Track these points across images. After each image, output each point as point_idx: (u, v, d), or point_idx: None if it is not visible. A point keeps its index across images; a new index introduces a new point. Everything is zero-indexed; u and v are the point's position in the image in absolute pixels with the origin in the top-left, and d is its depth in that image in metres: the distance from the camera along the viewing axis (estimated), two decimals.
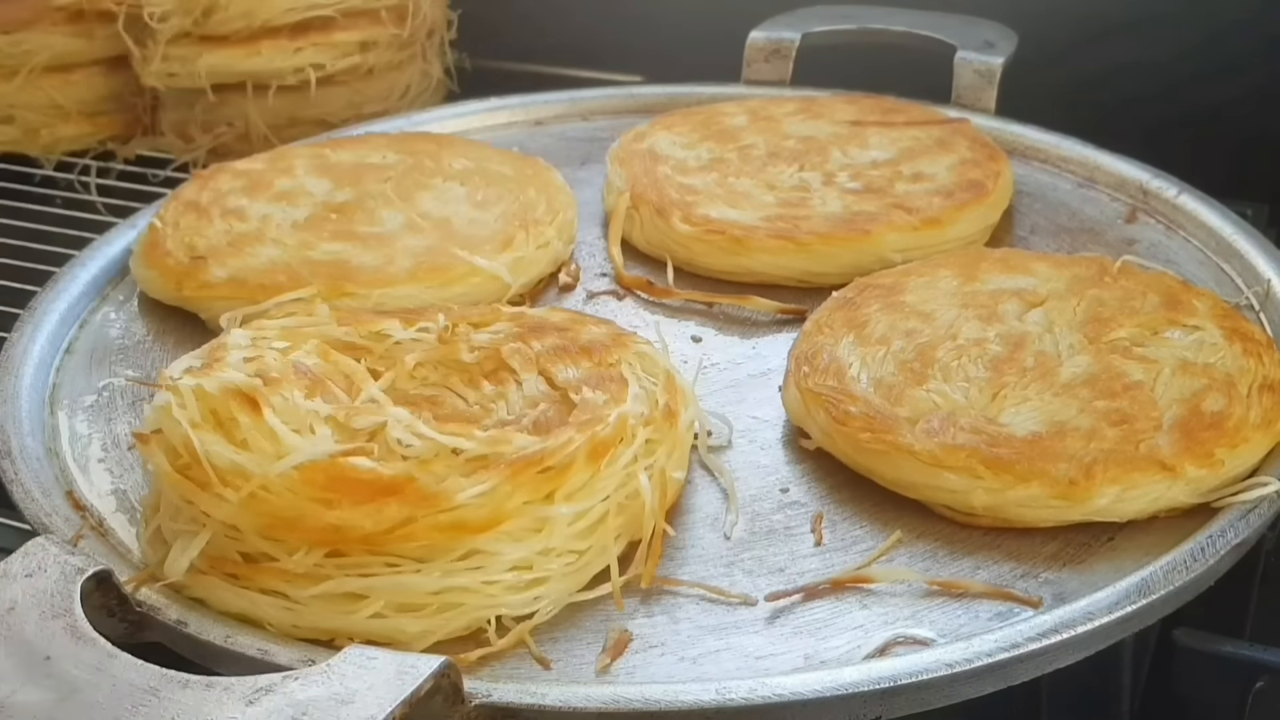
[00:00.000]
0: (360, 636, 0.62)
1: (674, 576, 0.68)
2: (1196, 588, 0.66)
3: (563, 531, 0.65)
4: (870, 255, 0.92)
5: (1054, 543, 0.70)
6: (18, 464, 0.76)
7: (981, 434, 0.72)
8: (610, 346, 0.75)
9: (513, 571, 0.64)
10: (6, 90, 1.31)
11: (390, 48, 1.31)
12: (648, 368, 0.74)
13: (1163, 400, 0.74)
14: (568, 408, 0.70)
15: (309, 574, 0.62)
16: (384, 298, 0.87)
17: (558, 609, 0.66)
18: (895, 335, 0.80)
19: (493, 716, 0.59)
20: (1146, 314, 0.82)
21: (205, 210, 0.97)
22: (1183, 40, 1.25)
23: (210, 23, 1.24)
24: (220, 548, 0.64)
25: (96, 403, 0.84)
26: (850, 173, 1.01)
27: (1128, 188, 1.03)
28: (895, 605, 0.66)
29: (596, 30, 1.46)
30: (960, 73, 1.14)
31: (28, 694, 0.55)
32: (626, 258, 0.97)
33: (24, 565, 0.62)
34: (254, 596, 0.63)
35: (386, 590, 0.63)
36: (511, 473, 0.63)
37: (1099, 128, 1.09)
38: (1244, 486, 0.71)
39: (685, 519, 0.73)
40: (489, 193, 0.99)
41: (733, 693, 0.59)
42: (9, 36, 1.29)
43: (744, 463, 0.77)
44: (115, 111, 1.36)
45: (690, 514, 0.73)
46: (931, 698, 0.61)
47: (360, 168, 1.03)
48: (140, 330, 0.92)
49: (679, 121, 1.10)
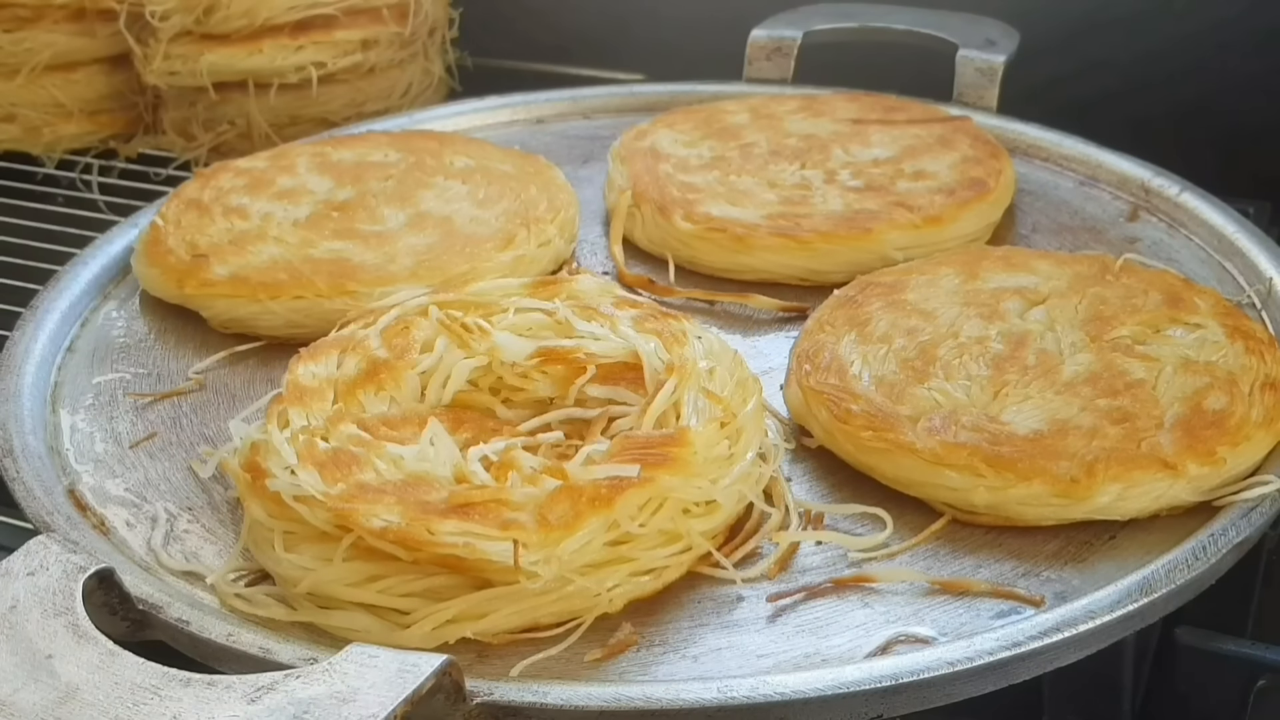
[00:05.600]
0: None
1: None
2: (1198, 586, 0.66)
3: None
4: (872, 253, 0.92)
5: (1055, 541, 0.70)
6: (19, 462, 0.76)
7: (983, 432, 0.72)
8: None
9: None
10: (8, 89, 1.31)
11: (392, 46, 1.31)
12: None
13: (1164, 398, 0.74)
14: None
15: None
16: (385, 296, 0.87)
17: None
18: (897, 333, 0.80)
19: (494, 715, 0.59)
20: (1148, 312, 0.81)
21: (207, 208, 0.97)
22: (1185, 37, 1.25)
23: (212, 21, 1.24)
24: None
25: (98, 401, 0.84)
26: (852, 171, 1.01)
27: (1129, 186, 1.03)
28: (897, 604, 0.66)
29: (598, 28, 1.46)
30: (962, 71, 1.14)
31: (29, 692, 0.56)
32: (628, 256, 0.97)
33: (26, 563, 0.62)
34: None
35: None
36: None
37: (1100, 126, 1.09)
38: (1246, 485, 0.71)
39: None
40: (490, 191, 0.99)
41: (734, 691, 0.59)
42: (11, 34, 1.29)
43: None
44: (117, 110, 1.36)
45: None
46: (933, 696, 0.61)
47: (362, 166, 1.03)
48: (142, 328, 0.92)
49: (681, 119, 1.10)
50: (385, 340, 0.76)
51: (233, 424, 0.73)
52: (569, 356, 0.74)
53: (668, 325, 0.76)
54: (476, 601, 0.63)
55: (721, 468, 0.68)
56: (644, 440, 0.67)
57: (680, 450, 0.67)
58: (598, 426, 0.71)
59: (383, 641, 0.60)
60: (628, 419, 0.71)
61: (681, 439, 0.67)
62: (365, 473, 0.66)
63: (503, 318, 0.77)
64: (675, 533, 0.67)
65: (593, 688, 0.60)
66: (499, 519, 0.63)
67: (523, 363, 0.75)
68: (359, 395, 0.73)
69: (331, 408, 0.72)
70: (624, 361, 0.74)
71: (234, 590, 0.67)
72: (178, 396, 0.84)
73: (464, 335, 0.75)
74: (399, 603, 0.64)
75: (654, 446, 0.67)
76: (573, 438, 0.72)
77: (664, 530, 0.66)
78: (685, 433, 0.68)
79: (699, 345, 0.75)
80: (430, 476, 0.66)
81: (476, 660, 0.63)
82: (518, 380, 0.75)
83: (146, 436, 0.80)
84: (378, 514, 0.63)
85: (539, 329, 0.77)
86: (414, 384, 0.75)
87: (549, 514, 0.63)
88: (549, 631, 0.64)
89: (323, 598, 0.65)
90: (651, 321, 0.77)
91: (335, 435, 0.69)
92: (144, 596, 0.65)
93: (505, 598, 0.63)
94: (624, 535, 0.65)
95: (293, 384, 0.73)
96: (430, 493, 0.65)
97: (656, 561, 0.66)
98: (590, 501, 0.64)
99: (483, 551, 0.62)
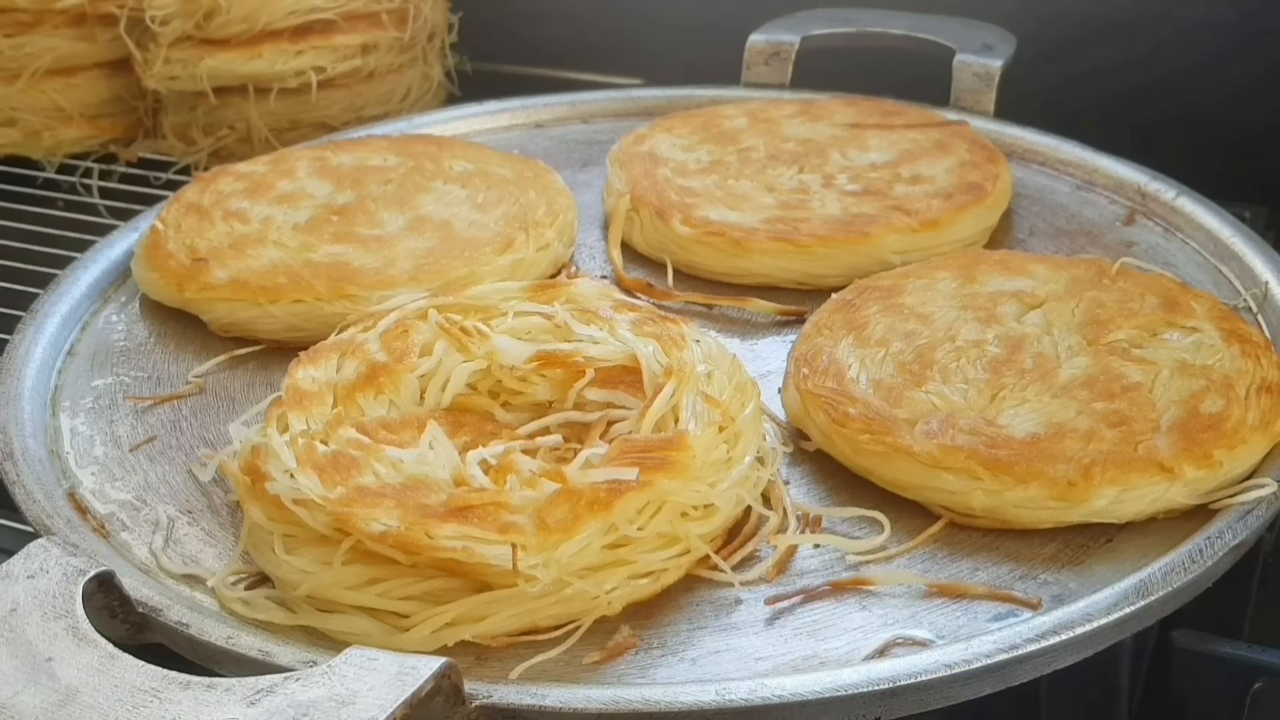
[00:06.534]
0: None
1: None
2: (1195, 589, 0.67)
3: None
4: (869, 257, 0.93)
5: (1053, 544, 0.70)
6: (20, 466, 0.76)
7: (980, 435, 0.72)
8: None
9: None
10: (9, 93, 1.32)
11: (391, 51, 1.32)
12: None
13: (1161, 402, 0.74)
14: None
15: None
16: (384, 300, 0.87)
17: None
18: (894, 337, 0.81)
19: (493, 717, 0.59)
20: (1145, 316, 0.82)
21: (207, 212, 0.97)
22: (1180, 42, 1.26)
23: (212, 26, 1.25)
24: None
25: (98, 404, 0.84)
26: (849, 175, 1.01)
27: (1126, 190, 1.03)
28: (894, 606, 0.66)
29: (596, 33, 1.46)
30: (959, 75, 1.14)
31: (29, 695, 0.56)
32: (626, 260, 0.97)
33: (26, 567, 0.62)
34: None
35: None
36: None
37: (1097, 130, 1.09)
38: (1242, 488, 0.71)
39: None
40: (489, 195, 0.99)
41: (732, 693, 0.60)
42: (11, 39, 1.30)
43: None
44: (117, 114, 1.37)
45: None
46: (930, 699, 0.61)
47: (361, 170, 1.03)
48: (142, 332, 0.92)
49: (679, 124, 1.10)
50: (384, 344, 0.76)
51: (232, 427, 0.73)
52: (568, 360, 0.75)
53: (666, 329, 0.76)
54: (475, 604, 0.63)
55: (720, 471, 0.69)
56: (643, 444, 0.68)
57: (679, 454, 0.67)
58: (596, 430, 0.72)
59: (382, 644, 0.60)
60: (626, 422, 0.71)
61: (680, 443, 0.67)
62: (364, 476, 0.66)
63: (502, 321, 0.78)
64: (674, 536, 0.67)
65: (591, 690, 0.60)
66: (498, 522, 0.63)
67: (522, 366, 0.75)
68: (358, 399, 0.73)
69: (331, 411, 0.72)
70: (623, 365, 0.74)
71: (234, 593, 0.67)
72: (177, 400, 0.84)
73: (463, 339, 0.75)
74: (398, 606, 0.64)
75: (653, 450, 0.67)
76: (571, 441, 0.72)
77: (662, 533, 0.66)
78: (684, 436, 0.68)
79: (697, 349, 0.75)
80: (429, 480, 0.66)
81: (475, 663, 0.63)
82: (517, 384, 0.75)
83: (146, 440, 0.81)
84: (377, 517, 0.63)
85: (538, 332, 0.77)
86: (413, 387, 0.75)
87: (548, 517, 0.63)
88: (548, 634, 0.64)
89: (322, 601, 0.65)
90: (650, 325, 0.77)
91: (335, 439, 0.69)
92: (144, 599, 0.65)
93: (504, 601, 0.64)
94: (622, 538, 0.65)
95: (292, 387, 0.74)
96: (429, 496, 0.65)
97: (655, 564, 0.66)
98: (589, 505, 0.64)
99: (481, 555, 0.62)
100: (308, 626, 0.65)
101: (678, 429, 0.69)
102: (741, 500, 0.70)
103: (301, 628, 0.65)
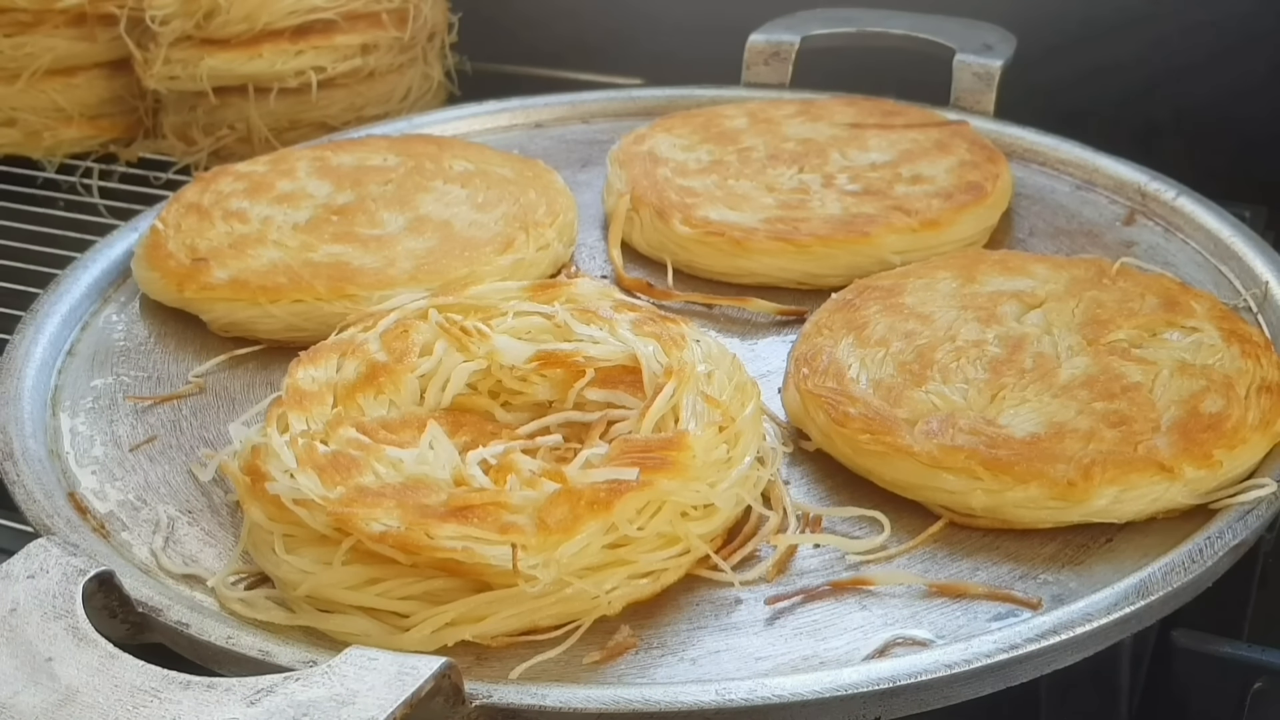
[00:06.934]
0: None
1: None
2: (1195, 589, 0.67)
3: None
4: (869, 257, 0.93)
5: (1053, 544, 0.70)
6: (20, 466, 0.76)
7: (980, 435, 0.72)
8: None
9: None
10: (9, 93, 1.32)
11: (391, 50, 1.32)
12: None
13: (1161, 401, 0.74)
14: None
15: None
16: (384, 300, 0.87)
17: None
18: (894, 337, 0.81)
19: (493, 717, 0.59)
20: (1145, 315, 0.82)
21: (207, 212, 0.97)
22: (1181, 42, 1.26)
23: (212, 25, 1.25)
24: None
25: (98, 404, 0.84)
26: (849, 175, 1.01)
27: (1126, 190, 1.03)
28: (894, 606, 0.66)
29: (597, 33, 1.46)
30: (959, 75, 1.14)
31: (29, 695, 0.56)
32: (626, 260, 0.97)
33: (26, 567, 0.62)
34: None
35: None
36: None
37: (1097, 130, 1.09)
38: (1242, 488, 0.71)
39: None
40: (489, 195, 0.99)
41: (732, 693, 0.60)
42: (11, 39, 1.30)
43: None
44: (117, 114, 1.37)
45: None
46: (930, 698, 0.61)
47: (361, 170, 1.03)
48: (142, 332, 0.92)
49: (679, 124, 1.10)
50: (384, 344, 0.76)
51: (232, 427, 0.73)
52: (568, 360, 0.75)
53: (666, 329, 0.76)
54: (475, 604, 0.63)
55: (720, 471, 0.69)
56: (643, 444, 0.68)
57: (679, 454, 0.67)
58: (596, 430, 0.72)
59: (382, 644, 0.60)
60: (626, 422, 0.71)
61: (680, 443, 0.67)
62: (365, 476, 0.66)
63: (502, 321, 0.78)
64: (674, 536, 0.67)
65: (591, 690, 0.60)
66: (498, 522, 0.63)
67: (522, 366, 0.75)
68: (358, 398, 0.73)
69: (331, 411, 0.72)
70: (623, 365, 0.74)
71: (234, 593, 0.67)
72: (177, 400, 0.85)
73: (463, 339, 0.75)
74: (398, 605, 0.64)
75: (653, 450, 0.67)
76: (571, 441, 0.72)
77: (662, 533, 0.66)
78: (684, 436, 0.68)
79: (697, 349, 0.75)
80: (429, 480, 0.66)
81: (475, 663, 0.63)
82: (517, 383, 0.75)
83: (146, 440, 0.81)
84: (377, 517, 0.63)
85: (538, 332, 0.77)
86: (413, 387, 0.75)
87: (548, 517, 0.63)
88: (548, 634, 0.64)
89: (322, 601, 0.65)
90: (650, 325, 0.77)
91: (335, 438, 0.69)
92: (144, 599, 0.65)
93: (504, 600, 0.64)
94: (622, 538, 0.65)
95: (292, 387, 0.74)
96: (429, 496, 0.65)
97: (655, 564, 0.66)
98: (589, 505, 0.64)
99: (481, 555, 0.62)
100: (308, 626, 0.65)
101: (678, 429, 0.69)
102: (741, 500, 0.70)
103: (301, 628, 0.65)
